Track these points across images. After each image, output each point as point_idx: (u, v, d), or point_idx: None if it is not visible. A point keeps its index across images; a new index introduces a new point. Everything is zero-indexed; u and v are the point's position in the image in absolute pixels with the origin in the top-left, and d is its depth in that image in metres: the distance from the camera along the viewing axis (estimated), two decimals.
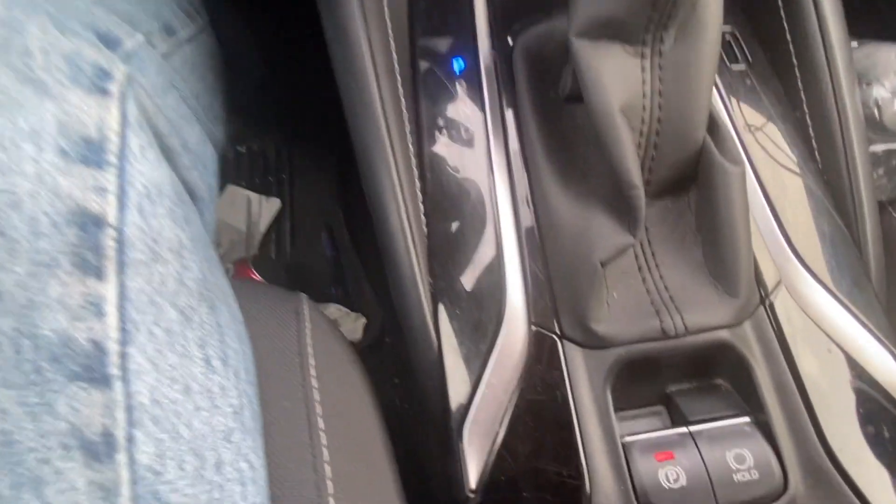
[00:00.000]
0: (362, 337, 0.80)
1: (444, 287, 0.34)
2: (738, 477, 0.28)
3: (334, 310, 0.82)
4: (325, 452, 0.28)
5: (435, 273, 0.34)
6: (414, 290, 0.33)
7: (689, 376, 0.32)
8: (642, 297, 0.31)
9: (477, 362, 0.32)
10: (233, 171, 1.01)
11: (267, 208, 0.96)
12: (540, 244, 0.32)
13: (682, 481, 0.28)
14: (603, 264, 0.29)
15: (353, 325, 0.81)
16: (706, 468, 0.28)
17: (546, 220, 0.32)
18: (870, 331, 0.30)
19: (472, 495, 0.31)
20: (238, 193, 0.98)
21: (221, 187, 0.98)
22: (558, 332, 0.31)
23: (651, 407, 0.33)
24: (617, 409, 0.32)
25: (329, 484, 0.27)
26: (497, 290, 0.32)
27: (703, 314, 0.29)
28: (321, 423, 0.29)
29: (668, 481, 0.28)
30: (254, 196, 0.97)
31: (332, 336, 0.35)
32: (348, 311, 0.82)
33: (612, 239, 0.29)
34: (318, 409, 0.29)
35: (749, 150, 0.34)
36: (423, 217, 0.35)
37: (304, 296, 0.36)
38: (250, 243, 0.95)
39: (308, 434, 0.28)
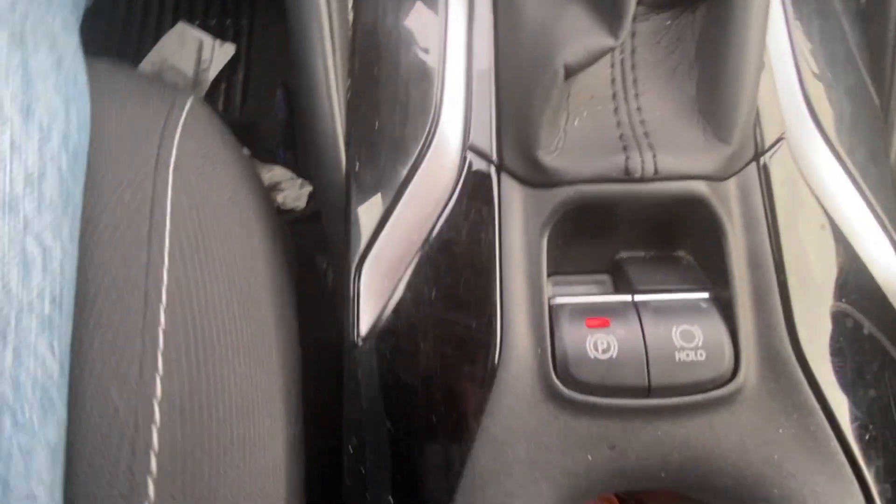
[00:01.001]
0: (306, 205, 0.73)
1: (362, 90, 0.26)
2: (680, 356, 0.22)
3: (280, 172, 0.74)
4: (167, 258, 0.22)
5: (354, 72, 0.26)
6: (322, 87, 0.26)
7: (647, 242, 0.26)
8: (609, 129, 0.24)
9: (392, 188, 0.25)
10: (185, 6, 0.88)
11: (220, 54, 0.85)
12: (494, 44, 0.25)
13: (613, 352, 0.23)
14: (568, 72, 0.22)
15: (299, 191, 0.74)
16: (644, 341, 0.23)
17: (507, 9, 0.25)
18: (875, 214, 0.24)
19: (360, 343, 0.25)
20: (188, 33, 0.86)
21: (171, 24, 0.86)
22: (496, 160, 0.25)
23: (595, 275, 0.27)
24: (554, 272, 0.27)
25: (164, 293, 0.21)
26: (430, 99, 0.25)
27: (681, 157, 0.23)
28: (168, 224, 0.22)
29: (596, 350, 0.23)
30: (206, 38, 0.86)
31: (218, 140, 0.28)
32: (294, 176, 0.74)
33: (586, 38, 0.22)
34: (168, 208, 0.23)
35: None
36: None
37: (193, 96, 0.29)
38: (196, 91, 0.84)
39: (147, 231, 0.22)
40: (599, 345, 0.23)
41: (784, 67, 0.25)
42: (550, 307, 0.24)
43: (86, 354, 0.19)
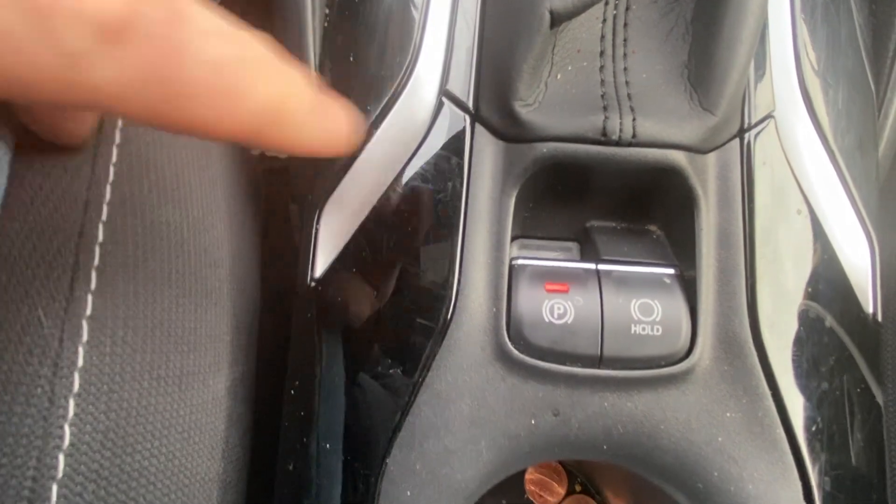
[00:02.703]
0: None
1: (340, 20, 0.25)
2: (636, 329, 0.22)
3: None
4: (112, 172, 0.20)
5: (334, 0, 0.25)
6: (298, 12, 0.24)
7: (619, 213, 0.25)
8: (593, 87, 0.23)
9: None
10: None
11: None
12: None
13: (569, 318, 0.22)
14: (555, 18, 0.21)
15: None
16: (602, 310, 0.22)
17: None
18: (854, 204, 0.23)
19: (312, 285, 0.24)
20: None
21: None
22: (472, 110, 0.23)
23: (563, 241, 0.26)
24: (522, 235, 0.26)
25: (105, 208, 0.20)
26: (409, 39, 0.24)
27: (662, 123, 0.22)
28: (117, 138, 0.21)
29: (552, 315, 0.22)
30: None
31: None
32: None
33: None
34: (119, 121, 0.21)
35: None
36: None
37: None
38: None
39: (94, 143, 0.20)
40: (556, 310, 0.22)
41: (781, 42, 0.24)
42: (511, 267, 0.23)
43: (14, 262, 0.18)
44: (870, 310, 0.24)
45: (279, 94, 0.14)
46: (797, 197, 0.23)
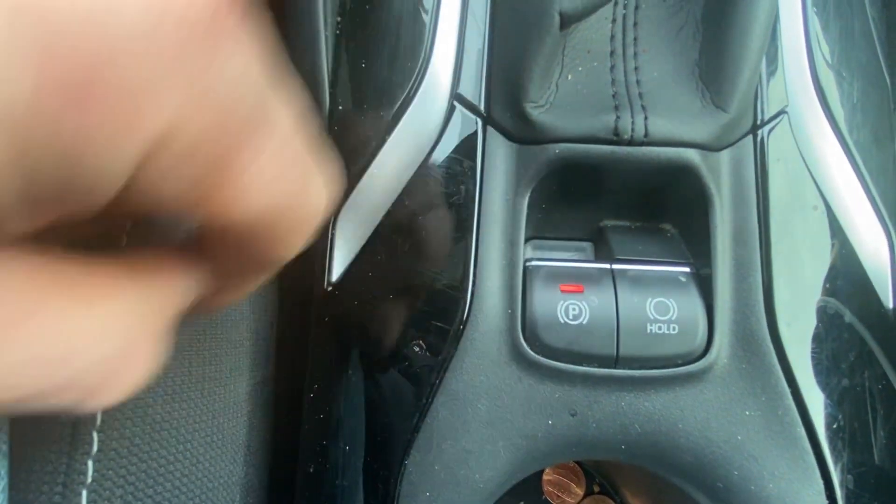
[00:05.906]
0: None
1: (352, 28, 0.25)
2: (652, 328, 0.22)
3: None
4: None
5: (345, 8, 0.25)
6: (310, 22, 0.25)
7: (633, 212, 0.25)
8: (604, 87, 0.23)
9: (374, 133, 0.24)
10: None
11: None
12: None
13: (584, 319, 0.22)
14: (565, 20, 0.21)
15: None
16: (617, 310, 0.22)
17: None
18: (871, 199, 0.23)
19: (329, 289, 0.25)
20: None
21: None
22: (484, 113, 0.24)
23: (577, 242, 0.26)
24: (536, 236, 0.26)
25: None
26: (420, 44, 0.24)
27: (674, 122, 0.22)
28: None
29: (567, 316, 0.22)
30: None
31: None
32: None
33: None
34: None
35: None
36: None
37: None
38: None
39: None
40: (571, 310, 0.22)
41: (793, 36, 0.23)
42: (525, 268, 0.23)
43: None
44: (890, 304, 0.23)
45: None
46: (813, 193, 0.23)
